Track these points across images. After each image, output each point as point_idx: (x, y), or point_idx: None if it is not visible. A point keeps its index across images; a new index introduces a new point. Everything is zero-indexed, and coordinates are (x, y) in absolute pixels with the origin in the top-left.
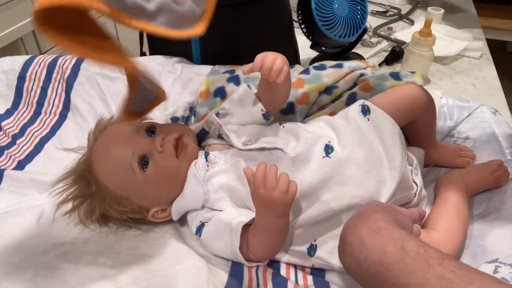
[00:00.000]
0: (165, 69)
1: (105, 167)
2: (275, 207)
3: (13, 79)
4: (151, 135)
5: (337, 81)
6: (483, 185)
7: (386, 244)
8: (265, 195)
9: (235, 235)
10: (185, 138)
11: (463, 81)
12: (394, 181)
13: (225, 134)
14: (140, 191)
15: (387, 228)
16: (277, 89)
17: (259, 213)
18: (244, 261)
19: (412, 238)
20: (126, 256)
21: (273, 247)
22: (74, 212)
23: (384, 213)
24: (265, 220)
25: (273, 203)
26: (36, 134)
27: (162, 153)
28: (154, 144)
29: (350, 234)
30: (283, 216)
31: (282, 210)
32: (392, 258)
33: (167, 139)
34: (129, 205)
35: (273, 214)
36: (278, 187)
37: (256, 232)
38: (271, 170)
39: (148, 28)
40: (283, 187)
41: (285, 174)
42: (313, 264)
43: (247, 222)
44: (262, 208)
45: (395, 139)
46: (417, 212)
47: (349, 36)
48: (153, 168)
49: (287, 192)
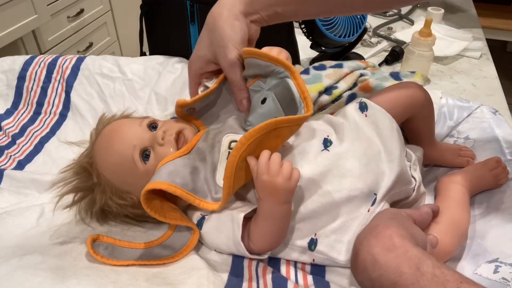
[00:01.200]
0: (165, 69)
1: (107, 160)
2: (279, 193)
3: (13, 79)
4: (152, 130)
5: (337, 81)
6: (483, 183)
7: (401, 264)
8: (269, 180)
9: (237, 225)
10: (186, 132)
11: (463, 81)
12: (393, 173)
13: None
14: (140, 184)
15: (403, 246)
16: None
17: (262, 200)
18: (246, 252)
19: (428, 257)
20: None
21: (275, 236)
22: (75, 205)
23: (399, 227)
24: (268, 207)
25: (276, 189)
26: (36, 134)
27: (163, 145)
28: (155, 137)
29: (363, 250)
30: (286, 203)
31: (285, 196)
32: (407, 279)
33: (168, 133)
34: (129, 199)
35: (276, 201)
36: (281, 173)
37: (259, 220)
38: (275, 157)
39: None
40: (286, 173)
41: (288, 161)
42: (314, 259)
43: (248, 212)
44: (266, 195)
45: (393, 134)
46: (428, 212)
47: (349, 36)
48: (154, 161)
49: (290, 178)
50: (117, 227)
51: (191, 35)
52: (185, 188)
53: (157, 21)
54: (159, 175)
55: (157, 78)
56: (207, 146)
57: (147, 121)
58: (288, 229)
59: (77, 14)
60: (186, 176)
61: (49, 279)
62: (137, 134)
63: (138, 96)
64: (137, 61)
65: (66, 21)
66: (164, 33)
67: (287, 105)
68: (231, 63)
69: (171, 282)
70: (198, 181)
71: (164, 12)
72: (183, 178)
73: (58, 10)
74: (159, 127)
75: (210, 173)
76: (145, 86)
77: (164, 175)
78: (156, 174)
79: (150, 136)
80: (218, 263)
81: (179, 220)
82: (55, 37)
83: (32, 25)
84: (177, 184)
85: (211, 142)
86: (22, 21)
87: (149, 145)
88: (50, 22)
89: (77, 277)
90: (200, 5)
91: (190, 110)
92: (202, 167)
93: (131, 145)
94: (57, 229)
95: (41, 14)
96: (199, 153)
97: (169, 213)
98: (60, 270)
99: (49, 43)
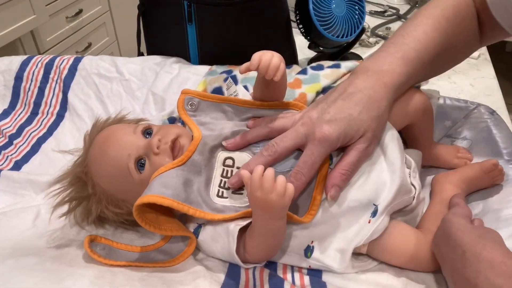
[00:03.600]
0: (163, 69)
1: (101, 169)
2: (272, 210)
3: (10, 79)
4: (147, 136)
5: (335, 81)
6: (479, 184)
7: None
8: (262, 197)
9: (232, 238)
10: (182, 139)
11: (461, 81)
12: (394, 185)
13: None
14: (136, 192)
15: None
16: (274, 87)
17: (256, 215)
18: (241, 263)
19: None
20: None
21: (270, 249)
22: (70, 214)
23: (495, 244)
24: (262, 222)
25: (270, 206)
26: (33, 134)
27: (158, 154)
28: (150, 146)
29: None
30: (280, 219)
31: (279, 212)
32: None
33: (164, 141)
34: (125, 207)
35: (270, 217)
36: (275, 190)
37: (253, 234)
38: (268, 172)
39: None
40: (280, 189)
41: (281, 176)
42: (310, 265)
43: (244, 225)
44: (259, 211)
45: (393, 143)
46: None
47: (347, 36)
48: (149, 170)
49: (284, 194)
50: (113, 231)
51: (188, 35)
52: (176, 198)
53: (154, 21)
54: (150, 188)
55: (154, 78)
56: (203, 159)
57: (142, 128)
58: (285, 237)
59: (75, 14)
60: (178, 187)
61: (45, 280)
62: (131, 142)
63: (135, 96)
64: (134, 61)
65: (65, 21)
66: (162, 33)
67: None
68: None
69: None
70: (191, 193)
71: (161, 12)
72: (174, 189)
73: (56, 10)
74: (154, 133)
75: (204, 187)
76: (142, 86)
77: (155, 187)
78: (148, 187)
79: (144, 144)
80: (215, 264)
81: (175, 231)
82: (53, 38)
83: (31, 25)
84: (167, 196)
85: (207, 156)
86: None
87: (143, 154)
88: (49, 23)
89: (73, 278)
90: (198, 5)
91: (192, 105)
92: (196, 180)
93: (125, 154)
94: (53, 231)
95: (40, 14)
96: (194, 165)
97: (164, 224)
98: (56, 271)
99: (48, 44)
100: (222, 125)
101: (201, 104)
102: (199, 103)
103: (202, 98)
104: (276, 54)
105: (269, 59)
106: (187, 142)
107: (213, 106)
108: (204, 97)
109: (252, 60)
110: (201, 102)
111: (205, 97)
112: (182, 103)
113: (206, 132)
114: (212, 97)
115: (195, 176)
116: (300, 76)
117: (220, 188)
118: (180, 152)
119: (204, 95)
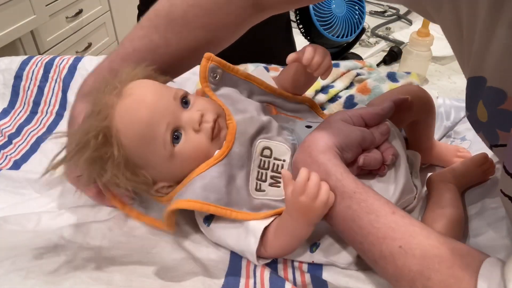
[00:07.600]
0: None
1: (132, 129)
2: (312, 216)
3: (9, 78)
4: (185, 106)
5: (334, 80)
6: (472, 178)
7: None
8: (306, 203)
9: (253, 237)
10: (221, 120)
11: (461, 81)
12: (399, 184)
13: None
14: (161, 163)
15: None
16: (307, 81)
17: (291, 218)
18: (255, 261)
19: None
20: (120, 262)
21: (290, 249)
22: (84, 173)
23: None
24: (296, 226)
25: (311, 212)
26: (33, 134)
27: (198, 132)
28: (192, 120)
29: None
30: (315, 225)
31: (317, 219)
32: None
33: (206, 118)
34: (142, 175)
35: (307, 222)
36: (319, 197)
37: (280, 234)
38: (314, 178)
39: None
40: (323, 197)
41: (325, 183)
42: (313, 260)
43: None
44: (298, 215)
45: (396, 141)
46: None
47: (347, 36)
48: (184, 145)
49: (327, 202)
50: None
51: None
52: (219, 203)
53: None
54: (193, 190)
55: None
56: (245, 151)
57: (181, 94)
58: None
59: (75, 14)
60: (221, 190)
61: (42, 282)
62: (171, 110)
63: None
64: None
65: (65, 21)
66: None
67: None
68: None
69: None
70: (233, 192)
71: None
72: (218, 192)
73: (56, 10)
74: (192, 105)
75: (245, 181)
76: None
77: (198, 190)
78: (189, 187)
79: (184, 114)
80: (215, 262)
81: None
82: (53, 38)
83: (31, 26)
84: (211, 202)
85: (248, 147)
86: (21, 21)
87: (182, 126)
88: (49, 23)
89: (69, 280)
90: None
91: (214, 76)
92: (239, 175)
93: (164, 122)
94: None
95: (40, 15)
96: (236, 158)
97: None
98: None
99: (48, 44)
100: (245, 105)
101: (224, 76)
102: (223, 75)
103: (226, 70)
104: (328, 53)
105: (322, 57)
106: (224, 125)
107: (233, 81)
108: (228, 68)
109: (305, 54)
110: (224, 74)
111: (229, 69)
112: (206, 73)
113: (238, 116)
114: (236, 70)
115: (238, 170)
116: None
117: (257, 181)
118: (218, 135)
119: (228, 66)
